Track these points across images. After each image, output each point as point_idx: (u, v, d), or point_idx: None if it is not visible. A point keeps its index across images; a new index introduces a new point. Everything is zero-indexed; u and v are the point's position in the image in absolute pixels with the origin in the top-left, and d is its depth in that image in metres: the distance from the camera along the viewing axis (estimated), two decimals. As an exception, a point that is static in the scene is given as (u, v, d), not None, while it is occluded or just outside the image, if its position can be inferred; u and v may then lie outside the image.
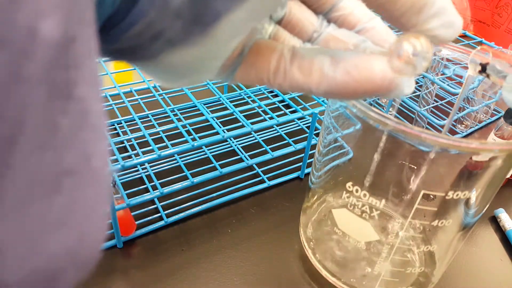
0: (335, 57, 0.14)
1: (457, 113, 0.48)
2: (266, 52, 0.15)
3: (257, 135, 0.48)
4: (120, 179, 0.40)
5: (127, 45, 0.13)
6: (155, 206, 0.38)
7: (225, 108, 0.53)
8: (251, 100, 0.54)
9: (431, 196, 0.26)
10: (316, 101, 0.45)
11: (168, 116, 0.49)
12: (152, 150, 0.34)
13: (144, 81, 0.44)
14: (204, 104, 0.54)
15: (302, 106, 0.48)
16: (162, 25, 0.12)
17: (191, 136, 0.42)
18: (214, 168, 0.40)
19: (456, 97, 0.59)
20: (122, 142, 0.45)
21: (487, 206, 0.28)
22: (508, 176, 0.41)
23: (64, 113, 0.09)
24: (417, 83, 0.61)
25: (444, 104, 0.58)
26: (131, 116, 0.43)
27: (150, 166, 0.42)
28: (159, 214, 0.38)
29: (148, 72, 0.15)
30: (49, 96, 0.08)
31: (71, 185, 0.09)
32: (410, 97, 0.56)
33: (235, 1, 0.12)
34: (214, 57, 0.14)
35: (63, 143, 0.09)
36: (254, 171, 0.44)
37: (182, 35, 0.13)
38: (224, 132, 0.36)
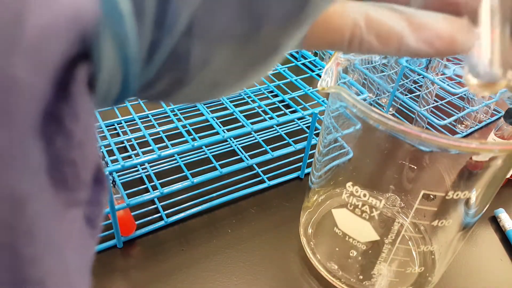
0: (412, 21, 0.13)
1: (457, 113, 0.48)
2: (337, 21, 0.13)
3: (257, 135, 0.48)
4: (120, 179, 0.40)
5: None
6: (155, 206, 0.38)
7: (225, 108, 0.53)
8: (251, 100, 0.54)
9: (431, 196, 0.26)
10: (316, 101, 0.45)
11: (168, 116, 0.49)
12: (152, 150, 0.34)
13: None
14: (204, 104, 0.54)
15: (302, 106, 0.48)
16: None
17: (191, 136, 0.42)
18: (214, 168, 0.40)
19: (456, 97, 0.59)
20: (122, 142, 0.45)
21: (487, 206, 0.28)
22: (508, 176, 0.41)
23: None
24: (417, 83, 0.61)
25: (444, 104, 0.58)
26: (131, 116, 0.43)
27: (150, 166, 0.42)
28: (159, 214, 0.38)
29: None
30: None
31: None
32: (410, 97, 0.56)
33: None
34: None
35: None
36: (254, 171, 0.44)
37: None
38: (224, 132, 0.36)
